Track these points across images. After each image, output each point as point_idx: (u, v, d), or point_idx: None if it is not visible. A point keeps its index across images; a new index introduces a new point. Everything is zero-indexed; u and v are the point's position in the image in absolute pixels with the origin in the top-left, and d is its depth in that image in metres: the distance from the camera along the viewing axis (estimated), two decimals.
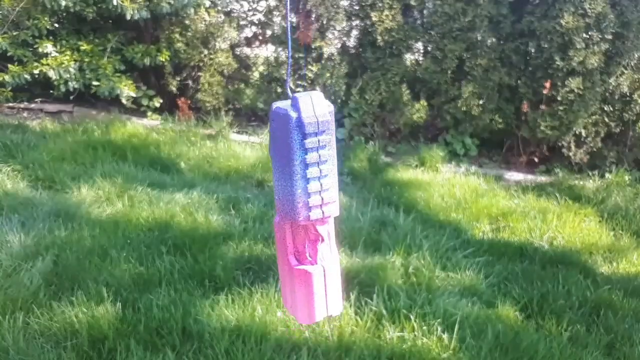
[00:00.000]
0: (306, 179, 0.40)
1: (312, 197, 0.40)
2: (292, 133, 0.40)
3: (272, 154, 0.42)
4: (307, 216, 0.41)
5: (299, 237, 0.44)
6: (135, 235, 1.77)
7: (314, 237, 0.43)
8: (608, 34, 2.69)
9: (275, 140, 0.42)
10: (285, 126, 0.40)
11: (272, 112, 0.41)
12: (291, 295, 0.47)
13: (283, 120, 0.40)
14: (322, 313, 0.47)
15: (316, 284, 0.44)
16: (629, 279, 1.90)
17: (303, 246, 0.43)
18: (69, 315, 1.34)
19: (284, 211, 0.42)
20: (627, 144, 3.07)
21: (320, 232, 0.43)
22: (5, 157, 2.37)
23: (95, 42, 3.08)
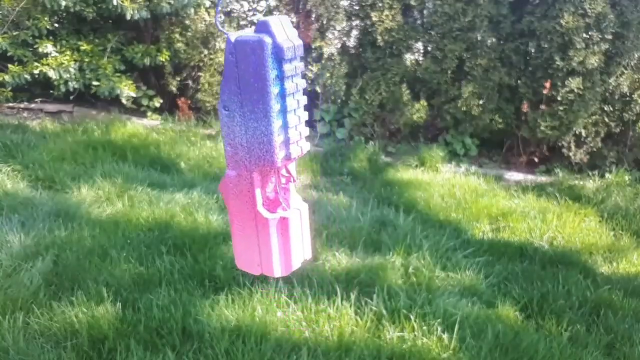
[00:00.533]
0: (284, 113, 0.35)
1: (291, 132, 0.36)
2: (266, 61, 0.34)
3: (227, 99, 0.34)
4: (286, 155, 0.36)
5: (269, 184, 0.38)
6: (135, 235, 1.77)
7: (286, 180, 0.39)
8: (608, 34, 2.69)
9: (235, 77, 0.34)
10: (258, 55, 0.34)
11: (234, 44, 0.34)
12: (262, 252, 0.42)
13: (253, 49, 0.34)
14: (298, 260, 0.44)
15: (294, 230, 0.41)
16: (629, 279, 1.90)
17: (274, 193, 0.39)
18: (69, 315, 1.34)
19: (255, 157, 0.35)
20: (627, 144, 3.07)
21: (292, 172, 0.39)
22: (5, 157, 2.37)
23: (95, 42, 3.08)
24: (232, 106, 0.36)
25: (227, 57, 0.36)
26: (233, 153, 0.38)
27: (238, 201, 0.40)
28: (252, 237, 0.41)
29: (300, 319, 1.42)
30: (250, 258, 0.43)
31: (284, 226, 0.40)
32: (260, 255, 0.42)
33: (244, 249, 0.43)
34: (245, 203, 0.39)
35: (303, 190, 2.49)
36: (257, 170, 0.38)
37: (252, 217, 0.40)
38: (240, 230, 0.41)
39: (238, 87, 0.36)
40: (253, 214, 0.39)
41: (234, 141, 0.38)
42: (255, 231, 0.40)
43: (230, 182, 0.39)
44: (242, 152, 0.37)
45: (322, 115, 3.23)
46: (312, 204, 2.25)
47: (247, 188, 0.38)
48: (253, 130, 0.36)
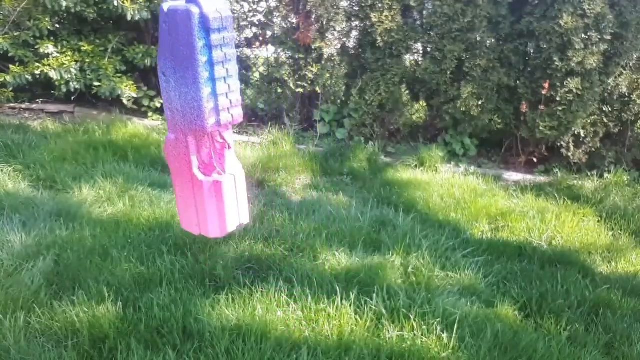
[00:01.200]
0: (213, 80, 0.37)
1: (221, 99, 0.37)
2: (194, 30, 0.35)
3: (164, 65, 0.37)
4: (217, 121, 0.38)
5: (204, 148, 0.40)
6: (136, 235, 1.78)
7: (220, 146, 0.41)
8: (607, 34, 2.70)
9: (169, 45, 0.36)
10: (186, 25, 0.35)
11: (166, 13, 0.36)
12: (199, 213, 0.44)
13: (182, 18, 0.35)
14: (233, 223, 0.46)
15: (228, 193, 0.42)
16: (628, 279, 1.91)
17: (209, 157, 0.40)
18: (70, 315, 1.35)
19: (188, 121, 0.38)
20: (625, 144, 3.08)
21: (226, 139, 0.41)
22: (6, 157, 2.38)
23: (96, 42, 3.09)
24: (167, 72, 0.38)
25: (162, 25, 0.38)
26: (172, 117, 0.40)
27: (177, 163, 0.41)
28: (190, 198, 0.42)
29: (300, 319, 1.42)
30: (190, 218, 0.45)
31: (217, 189, 0.42)
32: (197, 215, 0.43)
33: (185, 209, 0.45)
34: (183, 165, 0.41)
35: (303, 190, 2.50)
36: (192, 135, 0.39)
37: (189, 179, 0.41)
38: (180, 191, 0.43)
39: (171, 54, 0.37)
40: (190, 176, 0.41)
41: (172, 105, 0.39)
42: (192, 192, 0.41)
43: (170, 144, 0.40)
44: (178, 116, 0.39)
45: (322, 115, 3.24)
46: (312, 204, 2.27)
47: (183, 151, 0.40)
48: (185, 95, 0.38)
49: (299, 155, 2.83)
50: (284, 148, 2.88)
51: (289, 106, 3.29)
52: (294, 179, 2.62)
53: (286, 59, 3.25)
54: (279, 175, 2.59)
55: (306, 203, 2.23)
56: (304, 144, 3.04)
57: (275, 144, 2.93)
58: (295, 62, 3.20)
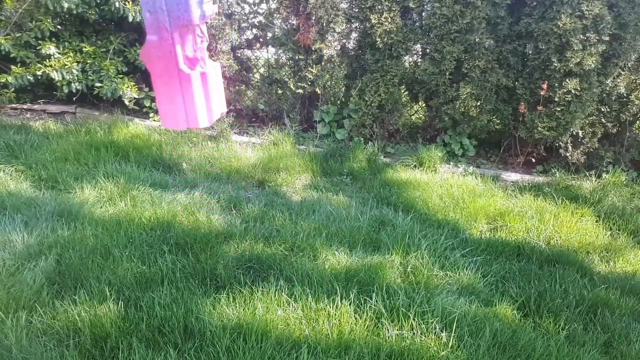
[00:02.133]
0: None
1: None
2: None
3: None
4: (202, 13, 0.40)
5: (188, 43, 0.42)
6: (138, 234, 1.79)
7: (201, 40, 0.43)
8: (605, 35, 2.71)
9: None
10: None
11: None
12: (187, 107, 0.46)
13: None
14: (218, 111, 0.48)
15: (212, 82, 0.45)
16: (626, 278, 1.92)
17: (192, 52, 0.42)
18: (72, 314, 1.36)
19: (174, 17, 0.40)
20: (623, 145, 3.09)
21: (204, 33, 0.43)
22: (8, 158, 2.39)
23: (98, 43, 3.10)
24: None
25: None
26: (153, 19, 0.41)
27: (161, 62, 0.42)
28: (177, 94, 0.44)
29: (301, 318, 1.43)
30: (177, 115, 0.47)
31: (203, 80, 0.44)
32: (185, 110, 0.45)
33: (170, 108, 0.46)
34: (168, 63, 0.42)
35: (303, 190, 2.51)
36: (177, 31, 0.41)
37: (175, 75, 0.43)
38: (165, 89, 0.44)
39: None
40: (176, 72, 0.43)
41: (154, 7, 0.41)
42: (180, 88, 0.43)
43: (152, 46, 0.42)
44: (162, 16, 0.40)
45: (322, 116, 3.26)
46: (312, 204, 2.28)
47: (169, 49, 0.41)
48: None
49: (299, 155, 2.84)
50: (284, 148, 2.89)
51: (289, 107, 3.30)
52: (294, 179, 2.63)
53: (286, 60, 3.26)
54: (279, 176, 2.60)
55: (306, 203, 2.24)
56: (304, 144, 3.06)
57: (275, 145, 2.94)
58: (296, 63, 3.22)
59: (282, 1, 3.13)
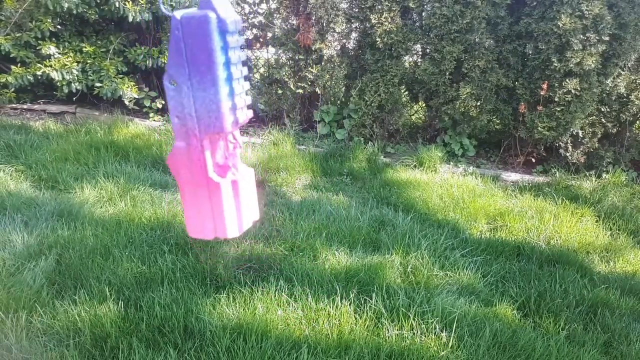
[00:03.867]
0: (230, 80, 0.39)
1: (237, 98, 0.39)
2: (212, 34, 0.38)
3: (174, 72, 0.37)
4: (234, 120, 0.40)
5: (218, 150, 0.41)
6: (138, 234, 1.79)
7: (233, 146, 0.42)
8: (605, 35, 2.71)
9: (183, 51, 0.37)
10: (204, 29, 0.38)
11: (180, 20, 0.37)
12: (215, 217, 0.45)
13: (200, 23, 0.38)
14: (249, 220, 0.47)
15: (244, 191, 0.44)
16: (626, 278, 1.92)
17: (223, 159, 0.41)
18: (72, 314, 1.36)
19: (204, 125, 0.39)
20: (623, 145, 3.09)
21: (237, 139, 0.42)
22: (8, 158, 2.39)
23: (98, 43, 3.10)
24: (180, 79, 0.39)
25: (174, 32, 0.39)
26: (181, 125, 0.41)
27: (189, 170, 0.42)
28: (206, 203, 0.43)
29: (301, 318, 1.43)
30: (204, 224, 0.46)
31: (234, 188, 0.43)
32: (214, 219, 0.44)
33: (197, 216, 0.46)
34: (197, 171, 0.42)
35: (303, 190, 2.51)
36: (207, 138, 0.41)
37: (204, 184, 0.42)
38: (193, 199, 0.43)
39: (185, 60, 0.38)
40: (205, 180, 0.42)
41: (183, 113, 0.40)
42: (209, 197, 0.42)
43: (179, 152, 0.41)
44: (191, 123, 0.40)
45: (322, 116, 3.26)
46: (312, 204, 2.28)
47: (197, 156, 0.41)
48: (202, 99, 0.39)
49: (299, 155, 2.84)
50: (284, 148, 2.89)
51: (289, 107, 3.30)
52: (294, 179, 2.63)
53: (286, 60, 3.26)
54: (279, 176, 2.60)
55: (306, 203, 2.24)
56: (304, 144, 3.06)
57: (275, 145, 2.94)
58: (296, 63, 3.22)
59: (282, 1, 3.13)
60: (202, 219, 0.46)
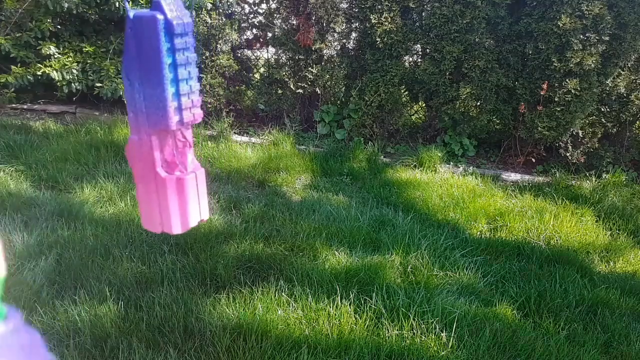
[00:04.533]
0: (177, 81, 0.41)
1: (183, 99, 0.41)
2: (159, 35, 0.40)
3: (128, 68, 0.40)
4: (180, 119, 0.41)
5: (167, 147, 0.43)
6: (138, 234, 1.79)
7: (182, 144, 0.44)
8: (605, 35, 2.71)
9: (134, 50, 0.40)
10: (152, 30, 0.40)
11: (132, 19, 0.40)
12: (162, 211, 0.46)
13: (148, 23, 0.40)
14: (195, 219, 0.48)
15: (189, 190, 0.45)
16: (626, 278, 1.92)
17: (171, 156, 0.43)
18: (72, 314, 1.36)
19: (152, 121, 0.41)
20: (624, 145, 3.09)
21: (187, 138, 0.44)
22: (8, 158, 2.39)
23: (98, 43, 3.10)
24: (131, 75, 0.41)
25: (127, 31, 0.41)
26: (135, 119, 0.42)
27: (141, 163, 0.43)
28: (153, 196, 0.44)
29: (301, 317, 1.43)
30: (153, 217, 0.47)
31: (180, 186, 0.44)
32: (160, 213, 0.45)
33: (148, 209, 0.47)
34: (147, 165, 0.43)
35: (303, 190, 2.51)
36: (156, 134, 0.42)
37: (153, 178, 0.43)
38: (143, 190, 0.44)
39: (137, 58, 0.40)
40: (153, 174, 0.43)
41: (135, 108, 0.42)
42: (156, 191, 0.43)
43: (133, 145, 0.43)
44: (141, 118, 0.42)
45: (322, 116, 3.26)
46: (312, 204, 2.28)
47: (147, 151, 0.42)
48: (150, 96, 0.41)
49: (299, 155, 2.84)
50: (284, 148, 2.89)
51: (289, 107, 3.30)
52: (294, 179, 2.63)
53: (286, 60, 3.26)
54: (279, 176, 2.60)
55: (306, 203, 2.24)
56: (304, 144, 3.06)
57: (275, 145, 2.94)
58: (296, 63, 3.22)
59: (282, 1, 3.13)
60: (151, 212, 0.47)
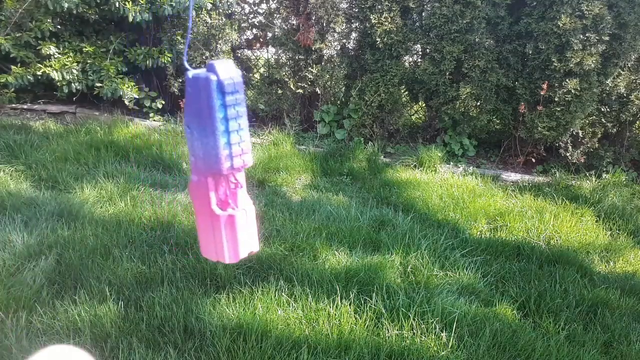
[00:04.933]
0: (228, 132, 0.47)
1: (234, 147, 0.48)
2: (212, 93, 0.45)
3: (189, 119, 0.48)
4: (230, 165, 0.48)
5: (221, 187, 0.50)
6: (138, 234, 1.79)
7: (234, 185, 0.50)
8: (605, 35, 2.71)
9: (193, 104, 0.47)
10: (206, 89, 0.45)
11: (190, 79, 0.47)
12: (216, 243, 0.54)
13: (203, 84, 0.46)
14: (246, 250, 0.56)
15: (240, 225, 0.51)
16: (626, 278, 1.92)
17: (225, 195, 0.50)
18: (72, 314, 1.36)
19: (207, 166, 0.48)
20: (623, 145, 3.09)
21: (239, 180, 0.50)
22: (8, 158, 2.39)
23: (98, 43, 3.10)
24: (192, 125, 0.47)
25: (187, 88, 0.47)
26: (194, 162, 0.49)
27: (199, 201, 0.50)
28: (209, 230, 0.50)
29: (301, 317, 1.43)
30: (209, 247, 0.55)
31: (231, 222, 0.51)
32: (215, 245, 0.50)
33: (205, 239, 0.53)
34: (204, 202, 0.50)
35: (303, 190, 2.51)
36: (211, 177, 0.49)
37: (209, 214, 0.50)
38: (202, 224, 0.51)
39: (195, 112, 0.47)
40: (209, 211, 0.50)
41: (195, 152, 0.49)
42: (211, 225, 0.50)
43: (193, 185, 0.49)
44: (199, 162, 0.48)
45: (322, 116, 3.26)
46: (312, 204, 2.28)
47: (204, 191, 0.49)
48: (205, 145, 0.48)
49: (299, 155, 2.84)
50: (284, 148, 2.89)
51: (289, 107, 3.30)
52: (294, 179, 2.63)
53: (286, 60, 3.27)
54: (279, 176, 2.60)
55: (306, 203, 2.24)
56: (304, 144, 3.06)
57: (275, 145, 2.94)
58: (296, 63, 3.22)
59: (282, 1, 3.13)
60: (207, 242, 0.55)
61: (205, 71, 0.48)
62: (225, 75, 0.46)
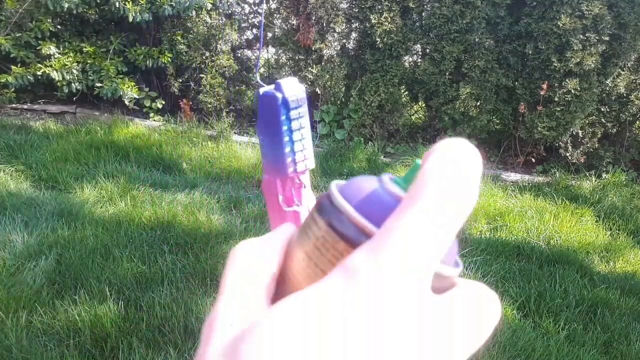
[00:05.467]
0: (292, 142, 0.54)
1: (297, 154, 0.54)
2: (278, 109, 0.53)
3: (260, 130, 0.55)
4: (295, 169, 0.55)
5: (287, 187, 0.57)
6: (138, 234, 1.79)
7: (299, 185, 0.57)
8: (605, 35, 2.71)
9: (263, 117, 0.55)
10: (273, 104, 0.53)
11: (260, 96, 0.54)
12: None
13: (270, 101, 0.53)
14: None
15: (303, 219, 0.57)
16: (626, 278, 1.92)
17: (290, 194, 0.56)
18: (72, 314, 1.36)
19: (276, 169, 0.55)
20: (623, 145, 3.10)
21: (302, 181, 0.57)
22: (8, 158, 2.39)
23: (98, 44, 3.11)
24: (262, 136, 0.54)
25: (259, 103, 0.54)
26: (266, 165, 0.56)
27: (270, 198, 0.57)
28: (279, 224, 0.56)
29: None
30: None
31: (296, 217, 0.57)
32: None
33: None
34: (274, 199, 0.56)
35: None
36: (279, 178, 0.55)
37: (277, 210, 0.56)
38: (272, 218, 0.57)
39: (264, 124, 0.54)
40: (278, 207, 0.56)
41: (266, 158, 0.56)
42: (280, 220, 0.56)
43: (265, 184, 0.56)
44: (269, 166, 0.55)
45: (322, 116, 3.26)
46: None
47: (273, 190, 0.55)
48: (273, 152, 0.55)
49: None
50: None
51: None
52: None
53: (286, 60, 3.27)
54: None
55: None
56: None
57: None
58: (296, 63, 3.22)
59: (282, 1, 3.13)
60: None
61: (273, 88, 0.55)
62: (290, 93, 0.51)
